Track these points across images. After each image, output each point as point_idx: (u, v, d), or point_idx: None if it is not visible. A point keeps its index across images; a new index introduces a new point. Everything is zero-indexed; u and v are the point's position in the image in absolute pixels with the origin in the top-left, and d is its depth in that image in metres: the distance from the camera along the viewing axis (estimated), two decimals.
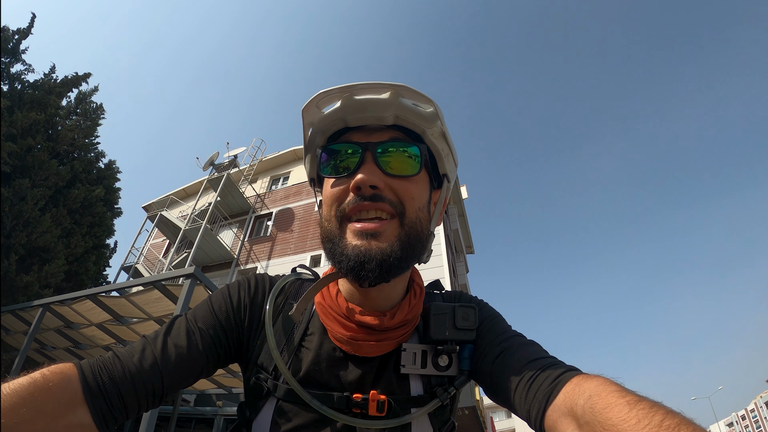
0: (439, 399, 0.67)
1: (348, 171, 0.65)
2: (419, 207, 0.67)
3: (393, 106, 0.65)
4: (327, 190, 0.68)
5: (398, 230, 0.64)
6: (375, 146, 0.65)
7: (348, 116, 0.67)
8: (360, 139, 0.67)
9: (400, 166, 0.66)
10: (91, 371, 0.59)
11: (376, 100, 0.65)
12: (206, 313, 0.72)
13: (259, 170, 17.04)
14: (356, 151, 0.66)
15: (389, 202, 0.64)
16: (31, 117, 7.59)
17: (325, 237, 0.67)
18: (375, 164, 0.65)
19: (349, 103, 0.65)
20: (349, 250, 0.62)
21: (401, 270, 0.65)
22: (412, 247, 0.65)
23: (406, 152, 0.67)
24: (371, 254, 0.61)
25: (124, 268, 14.14)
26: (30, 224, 7.25)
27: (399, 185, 0.65)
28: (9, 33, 8.17)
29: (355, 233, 0.63)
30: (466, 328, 0.69)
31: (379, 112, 0.65)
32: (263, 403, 0.68)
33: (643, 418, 0.41)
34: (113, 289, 4.58)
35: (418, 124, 0.67)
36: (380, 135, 0.67)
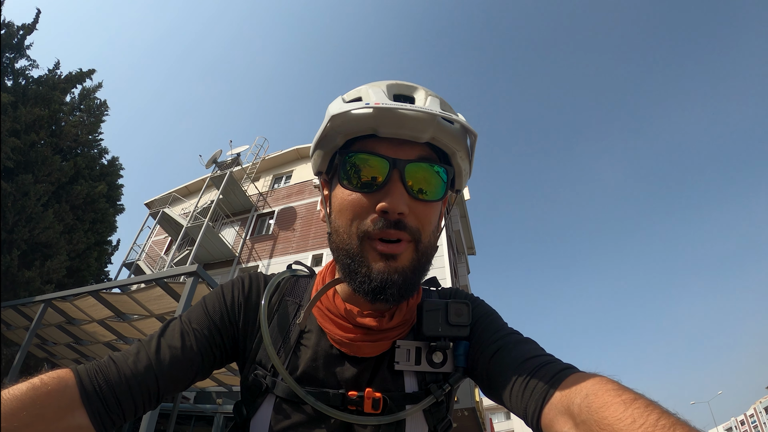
0: (434, 395, 0.67)
1: (372, 187, 0.63)
2: (433, 230, 0.67)
3: (432, 127, 0.61)
4: (345, 199, 0.65)
5: (413, 255, 0.64)
6: (404, 164, 0.62)
7: (382, 127, 0.62)
8: (388, 153, 0.63)
9: (426, 190, 0.64)
10: (88, 375, 0.59)
11: (416, 117, 0.60)
12: (200, 314, 0.73)
13: (262, 169, 17.08)
14: (384, 166, 0.62)
15: (410, 230, 0.63)
16: (35, 113, 7.62)
17: (341, 250, 0.66)
18: (402, 185, 0.62)
19: (385, 113, 0.61)
20: (374, 272, 0.62)
21: (414, 292, 0.66)
22: (423, 270, 0.67)
23: (434, 175, 0.65)
24: (393, 279, 0.62)
25: (126, 264, 14.20)
26: (32, 220, 7.28)
27: (421, 210, 0.64)
28: (14, 28, 8.20)
29: (378, 254, 0.63)
30: (459, 324, 0.69)
31: (417, 131, 0.61)
32: (261, 401, 0.69)
33: (639, 418, 0.41)
34: (115, 286, 4.60)
35: (450, 146, 0.64)
36: (410, 150, 0.64)
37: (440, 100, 0.66)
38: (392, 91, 0.67)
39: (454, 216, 16.91)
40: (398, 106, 0.60)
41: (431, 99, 0.65)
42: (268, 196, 16.19)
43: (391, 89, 0.67)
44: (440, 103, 0.65)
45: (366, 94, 0.66)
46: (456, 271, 14.80)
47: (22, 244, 7.14)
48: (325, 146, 0.68)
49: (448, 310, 0.69)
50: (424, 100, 0.66)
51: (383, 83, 0.68)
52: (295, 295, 0.77)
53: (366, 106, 0.61)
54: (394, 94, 0.67)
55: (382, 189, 0.62)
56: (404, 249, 0.63)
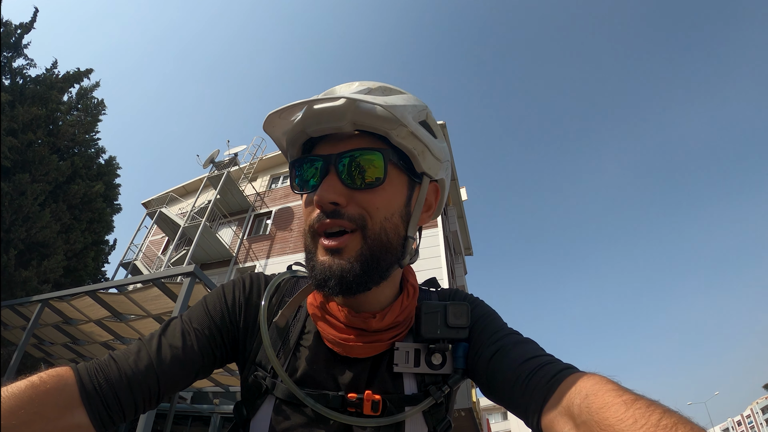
0: (433, 397, 0.67)
1: (313, 185, 0.65)
2: (386, 216, 0.65)
3: (349, 113, 0.61)
4: (302, 203, 0.69)
5: (360, 244, 0.63)
6: (336, 158, 0.63)
7: (307, 128, 0.64)
8: (324, 151, 0.66)
9: (362, 177, 0.63)
10: (87, 374, 0.59)
11: (330, 109, 0.61)
12: (201, 313, 0.73)
13: (259, 168, 17.03)
14: (318, 164, 0.65)
15: (348, 218, 0.62)
16: (32, 112, 7.59)
17: (305, 249, 0.68)
18: (337, 177, 0.63)
19: (307, 113, 0.63)
20: (317, 266, 0.64)
21: (364, 286, 0.64)
22: (376, 261, 0.64)
23: (368, 160, 0.63)
24: (332, 272, 0.62)
25: (123, 264, 14.14)
26: (29, 219, 7.25)
27: (362, 197, 0.63)
28: (11, 27, 8.16)
29: (322, 249, 0.64)
30: (458, 326, 0.68)
31: (335, 121, 0.62)
32: (261, 402, 0.69)
33: (640, 418, 0.40)
34: (112, 286, 4.59)
35: (379, 128, 0.62)
36: (344, 144, 0.65)
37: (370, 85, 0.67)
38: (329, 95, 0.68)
39: (451, 217, 16.91)
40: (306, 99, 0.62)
41: (354, 86, 0.67)
42: (266, 196, 16.15)
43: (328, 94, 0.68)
44: (366, 88, 0.66)
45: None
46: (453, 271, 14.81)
47: (19, 244, 7.11)
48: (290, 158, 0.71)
49: (446, 312, 0.69)
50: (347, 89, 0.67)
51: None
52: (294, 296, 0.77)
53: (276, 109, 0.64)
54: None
55: (319, 185, 0.64)
56: (348, 240, 0.62)
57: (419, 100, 0.69)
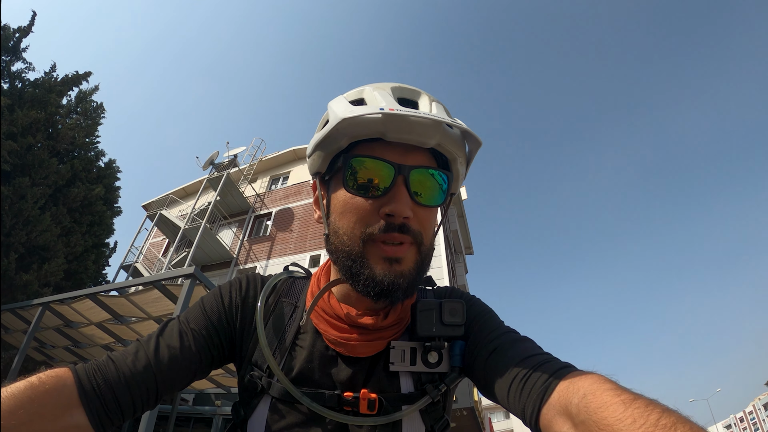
0: (430, 396, 0.67)
1: (377, 191, 0.63)
2: (432, 233, 0.69)
3: (439, 134, 0.62)
4: (348, 202, 0.65)
5: (416, 257, 0.66)
6: (409, 170, 0.63)
7: (390, 132, 0.61)
8: (393, 158, 0.63)
9: (428, 195, 0.65)
10: (86, 374, 0.60)
11: (425, 124, 0.61)
12: (198, 314, 0.73)
13: (259, 170, 17.05)
14: (389, 172, 0.63)
15: (413, 234, 0.64)
16: (32, 115, 7.59)
17: (342, 251, 0.66)
18: (407, 191, 0.63)
19: (395, 119, 0.60)
20: (378, 275, 0.63)
21: (414, 292, 0.69)
22: (424, 271, 0.68)
23: (436, 181, 0.66)
24: (398, 283, 0.63)
25: (124, 267, 14.16)
26: (30, 223, 7.25)
27: (423, 214, 0.65)
28: (10, 31, 8.17)
29: (381, 257, 0.63)
30: (454, 324, 0.68)
31: (425, 137, 0.61)
32: (258, 401, 0.69)
33: (639, 418, 0.40)
34: (113, 289, 4.59)
35: (452, 152, 0.65)
36: (414, 156, 0.64)
37: (443, 105, 0.68)
38: (396, 94, 0.67)
39: (451, 216, 16.91)
40: (409, 112, 0.60)
41: (435, 105, 0.66)
42: (266, 198, 16.16)
43: (395, 93, 0.67)
44: (444, 109, 0.67)
45: (371, 96, 0.66)
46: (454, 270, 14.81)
47: (19, 248, 7.11)
48: (327, 147, 0.66)
49: (442, 310, 0.68)
50: (428, 105, 0.66)
51: (387, 86, 0.68)
52: (291, 296, 0.78)
53: (378, 111, 0.60)
54: (398, 98, 0.67)
55: (387, 194, 0.63)
56: (407, 251, 0.64)
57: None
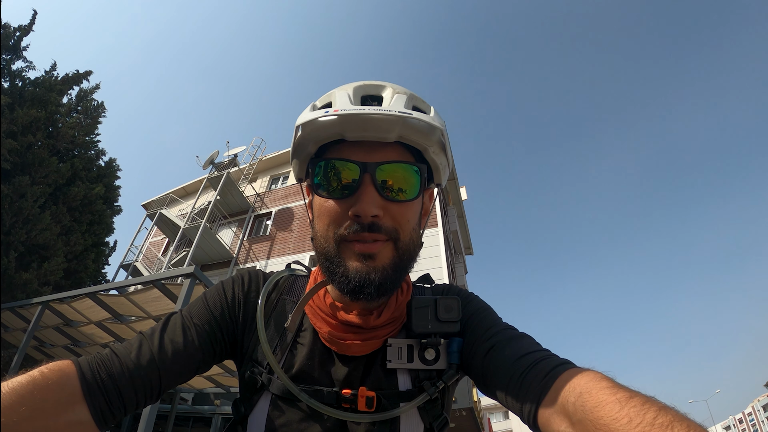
0: (428, 393, 0.66)
1: (345, 192, 0.64)
2: (413, 227, 0.67)
3: (398, 126, 0.61)
4: (321, 205, 0.66)
5: (393, 253, 0.65)
6: (375, 167, 0.63)
7: (347, 132, 0.62)
8: (359, 157, 0.63)
9: (400, 190, 0.64)
10: (90, 368, 0.59)
11: (379, 119, 0.60)
12: (201, 309, 0.73)
13: (259, 169, 17.05)
14: (352, 169, 0.63)
15: (385, 231, 0.63)
16: (32, 114, 7.59)
17: (321, 254, 0.67)
18: (374, 188, 0.63)
19: (349, 118, 0.61)
20: (351, 272, 0.63)
21: (394, 289, 0.67)
22: (404, 267, 0.67)
23: (407, 174, 0.65)
24: (371, 278, 0.62)
25: (123, 266, 14.15)
26: (29, 221, 7.26)
27: (397, 210, 0.64)
28: (10, 30, 8.17)
29: (355, 254, 0.63)
30: (449, 320, 0.68)
31: (382, 132, 0.61)
32: (258, 398, 0.69)
33: (635, 417, 0.40)
34: (113, 288, 4.59)
35: (420, 143, 0.64)
36: (380, 153, 0.64)
37: (408, 95, 0.66)
38: (359, 93, 0.67)
39: (451, 216, 16.92)
40: (359, 110, 0.61)
41: (397, 97, 0.65)
42: (266, 197, 16.16)
43: (357, 91, 0.67)
44: (407, 99, 0.66)
45: (334, 98, 0.66)
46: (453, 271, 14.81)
47: (19, 246, 7.11)
48: (299, 155, 0.68)
49: (437, 307, 0.68)
50: (390, 98, 0.66)
51: (351, 86, 0.68)
52: (293, 294, 0.78)
53: (326, 114, 0.61)
54: (361, 96, 0.67)
55: (354, 194, 0.63)
56: (381, 247, 0.64)
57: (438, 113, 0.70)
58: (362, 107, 0.62)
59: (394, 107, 0.62)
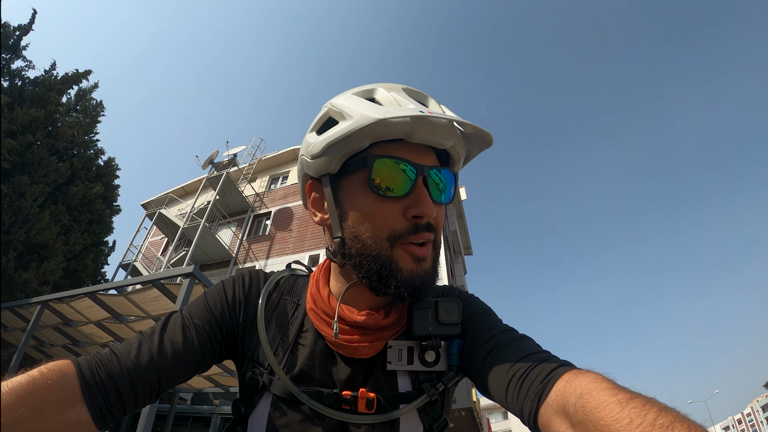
0: (427, 394, 0.66)
1: (400, 192, 0.63)
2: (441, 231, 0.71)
3: (455, 136, 0.66)
4: (372, 205, 0.64)
5: (432, 254, 0.68)
6: (428, 170, 0.64)
7: (416, 134, 0.62)
8: (413, 158, 0.64)
9: (443, 194, 0.68)
10: (89, 368, 0.59)
11: (447, 126, 0.64)
12: (201, 308, 0.73)
13: (259, 169, 17.05)
14: (412, 172, 0.63)
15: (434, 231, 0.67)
16: (31, 113, 7.59)
17: (366, 256, 0.64)
18: (427, 191, 0.64)
19: (423, 122, 0.62)
20: (407, 275, 0.64)
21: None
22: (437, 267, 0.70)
23: (450, 181, 0.69)
24: (424, 282, 0.65)
25: (123, 265, 14.15)
26: (29, 221, 7.26)
27: (439, 212, 0.67)
28: (10, 29, 8.17)
29: (411, 258, 0.64)
30: (450, 323, 0.68)
31: (444, 139, 0.64)
32: (259, 398, 0.69)
33: (636, 418, 0.40)
34: (112, 287, 4.59)
35: (461, 153, 0.69)
36: (429, 157, 0.66)
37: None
38: (410, 96, 0.68)
39: (450, 216, 16.92)
40: (436, 115, 0.62)
41: (444, 107, 0.69)
42: (265, 197, 16.17)
43: (409, 94, 0.68)
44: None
45: (385, 97, 0.66)
46: (453, 271, 14.83)
47: (18, 246, 7.11)
48: (345, 148, 0.64)
49: (438, 309, 0.68)
50: (438, 107, 0.69)
51: (398, 87, 0.69)
52: (293, 294, 0.78)
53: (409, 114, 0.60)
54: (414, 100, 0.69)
55: (410, 195, 0.63)
56: (429, 250, 0.66)
57: None
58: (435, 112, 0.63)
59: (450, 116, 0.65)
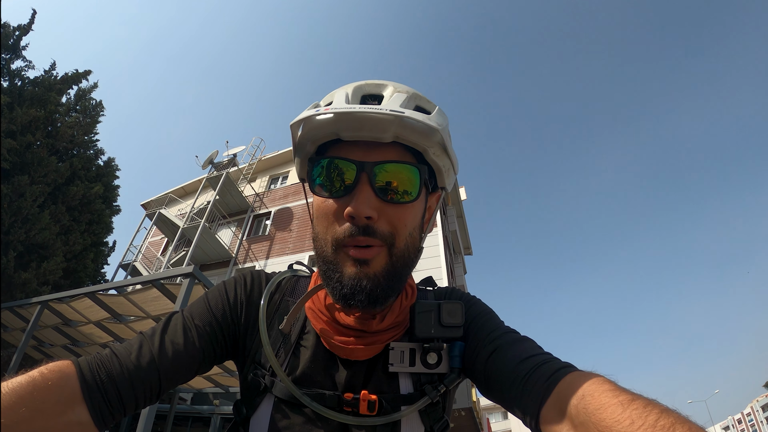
0: (429, 396, 0.67)
1: (341, 191, 0.63)
2: (410, 232, 0.66)
3: (394, 125, 0.60)
4: (319, 206, 0.66)
5: (386, 260, 0.63)
6: (372, 166, 0.61)
7: (342, 131, 0.61)
8: (356, 156, 0.62)
9: (398, 191, 0.63)
10: (89, 369, 0.59)
11: (374, 118, 0.59)
12: (202, 309, 0.73)
13: (258, 169, 17.04)
14: (349, 169, 0.62)
15: (380, 235, 0.62)
16: (31, 114, 7.59)
17: (320, 256, 0.66)
18: (371, 188, 0.61)
19: (344, 117, 0.60)
20: (345, 278, 0.62)
21: (386, 300, 0.66)
22: (398, 276, 0.65)
23: (406, 176, 0.63)
24: (362, 285, 0.61)
25: (122, 265, 14.14)
26: (28, 221, 7.25)
27: (393, 212, 0.63)
28: (9, 29, 8.16)
29: (350, 260, 0.62)
30: (453, 325, 0.68)
31: (377, 131, 0.60)
32: (260, 400, 0.69)
33: (637, 419, 0.40)
34: (112, 287, 4.59)
35: (419, 143, 0.63)
36: (378, 152, 0.62)
37: (409, 94, 0.65)
38: (359, 92, 0.67)
39: (450, 216, 16.92)
40: (353, 108, 0.60)
41: (396, 95, 0.64)
42: (265, 197, 16.15)
43: (357, 91, 0.66)
44: (407, 98, 0.64)
45: (334, 97, 0.66)
46: (452, 271, 14.83)
47: (18, 246, 7.10)
48: (299, 153, 0.69)
49: (440, 311, 0.68)
50: (389, 97, 0.65)
51: (351, 85, 0.68)
52: (295, 295, 0.77)
53: (319, 111, 0.61)
54: (361, 95, 0.67)
55: (350, 193, 0.62)
56: (376, 254, 0.62)
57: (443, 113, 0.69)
58: (356, 106, 0.61)
59: (390, 106, 0.61)
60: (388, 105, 0.62)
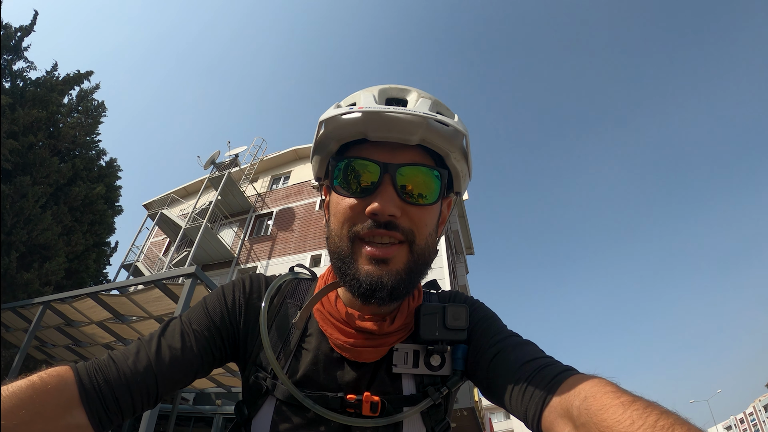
0: (431, 398, 0.67)
1: (364, 191, 0.63)
2: (430, 232, 0.67)
3: (422, 128, 0.61)
4: (338, 204, 0.66)
5: (407, 257, 0.64)
6: (395, 168, 0.63)
7: (370, 131, 0.62)
8: (380, 157, 0.63)
9: (419, 193, 0.64)
10: (87, 374, 0.60)
11: (404, 120, 0.61)
12: (201, 314, 0.73)
13: (260, 169, 17.07)
14: (373, 169, 0.63)
15: (402, 231, 0.63)
16: (33, 114, 7.61)
17: (334, 253, 0.67)
18: (393, 189, 0.62)
19: (373, 117, 0.61)
20: (362, 275, 0.62)
21: (408, 294, 0.67)
22: (419, 272, 0.66)
23: (428, 178, 0.65)
24: (383, 282, 0.62)
25: (125, 266, 14.19)
26: (31, 221, 7.27)
27: (415, 212, 0.64)
28: (11, 30, 8.18)
29: (367, 258, 0.63)
30: (457, 328, 0.69)
31: (406, 133, 0.62)
32: (262, 402, 0.69)
33: (638, 419, 0.41)
34: (114, 288, 4.60)
35: (443, 147, 0.64)
36: (402, 154, 0.64)
37: (432, 101, 0.67)
38: (384, 95, 0.67)
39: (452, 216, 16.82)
40: (385, 109, 0.61)
41: (422, 101, 0.66)
42: (267, 197, 16.19)
43: (382, 93, 0.67)
44: (431, 104, 0.66)
45: (359, 98, 0.66)
46: (455, 271, 14.81)
47: (20, 246, 7.13)
48: (320, 152, 0.69)
49: (445, 314, 0.69)
50: (415, 102, 0.66)
51: (376, 88, 0.68)
52: (296, 298, 0.77)
53: (351, 110, 0.62)
54: (386, 98, 0.67)
55: (373, 193, 0.63)
56: (396, 251, 0.63)
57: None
58: (387, 107, 0.62)
59: (419, 109, 0.62)
60: (416, 108, 0.63)
